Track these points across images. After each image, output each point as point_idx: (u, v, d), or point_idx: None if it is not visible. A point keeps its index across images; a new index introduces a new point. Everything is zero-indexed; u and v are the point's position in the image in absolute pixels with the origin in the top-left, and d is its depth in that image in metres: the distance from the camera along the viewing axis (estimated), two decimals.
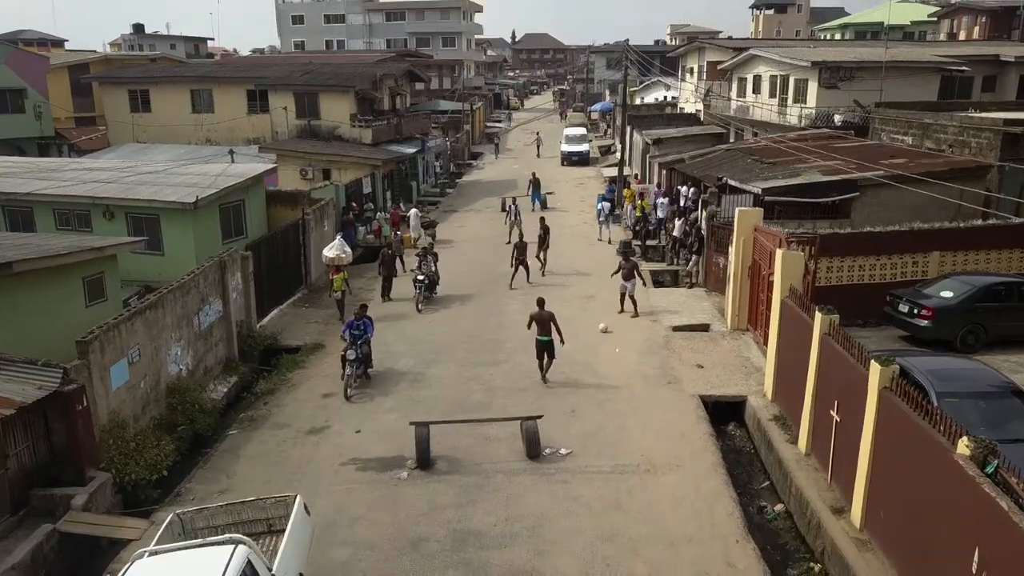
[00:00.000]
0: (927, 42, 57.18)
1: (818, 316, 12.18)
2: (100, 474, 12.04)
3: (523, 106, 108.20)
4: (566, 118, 74.62)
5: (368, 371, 16.92)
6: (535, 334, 16.46)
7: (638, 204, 29.78)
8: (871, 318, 17.61)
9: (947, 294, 16.60)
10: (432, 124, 48.46)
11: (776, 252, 15.36)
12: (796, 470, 12.26)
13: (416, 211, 31.71)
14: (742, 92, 40.77)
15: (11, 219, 21.79)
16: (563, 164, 50.78)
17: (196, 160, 27.44)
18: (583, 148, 51.84)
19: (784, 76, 35.75)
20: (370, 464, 13.33)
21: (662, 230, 28.60)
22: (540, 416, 13.66)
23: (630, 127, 42.63)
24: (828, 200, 21.13)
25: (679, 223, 25.54)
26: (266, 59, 64.91)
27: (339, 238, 22.87)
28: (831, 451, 11.64)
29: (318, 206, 25.31)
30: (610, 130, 66.96)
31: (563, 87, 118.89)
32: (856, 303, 16.79)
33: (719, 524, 11.22)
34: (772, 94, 37.03)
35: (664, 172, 33.45)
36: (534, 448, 13.24)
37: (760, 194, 20.97)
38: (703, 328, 19.38)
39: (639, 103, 60.61)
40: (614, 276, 20.95)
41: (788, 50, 38.42)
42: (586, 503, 11.87)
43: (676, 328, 19.36)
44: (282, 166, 32.68)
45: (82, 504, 11.38)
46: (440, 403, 15.61)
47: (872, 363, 10.20)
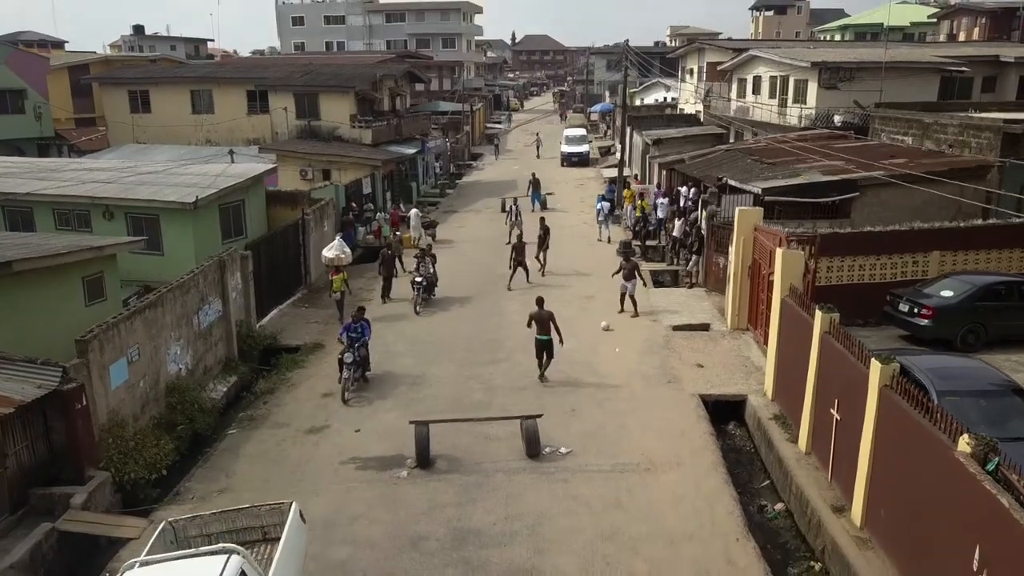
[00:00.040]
0: (927, 43, 57.19)
1: (818, 314, 12.17)
2: (99, 473, 12.01)
3: (523, 107, 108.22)
4: (566, 119, 74.75)
5: (366, 374, 16.63)
6: (535, 333, 16.46)
7: (638, 204, 29.84)
8: (871, 318, 17.60)
9: (947, 293, 16.60)
10: (432, 125, 48.45)
11: (776, 251, 15.35)
12: (796, 469, 12.25)
13: (417, 211, 31.68)
14: (742, 93, 40.77)
15: (11, 219, 21.76)
16: (563, 165, 50.78)
17: (196, 160, 27.41)
18: (583, 149, 51.85)
19: (784, 77, 35.77)
20: (370, 463, 13.32)
21: (662, 230, 28.60)
22: (540, 415, 13.64)
23: (630, 128, 42.60)
24: (828, 200, 21.10)
25: (679, 223, 25.53)
26: (266, 60, 64.92)
27: (338, 238, 22.84)
28: (831, 450, 11.63)
29: (318, 206, 25.32)
30: (610, 131, 66.96)
31: (563, 88, 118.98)
32: (856, 303, 16.77)
33: (719, 522, 11.21)
34: (772, 95, 37.03)
35: (664, 172, 33.44)
36: (534, 447, 13.23)
37: (760, 194, 20.95)
38: (703, 328, 19.37)
39: (639, 104, 60.61)
40: (615, 276, 20.95)
41: (788, 51, 38.43)
42: (586, 502, 11.86)
43: (676, 328, 19.35)
44: (282, 167, 32.65)
45: (81, 503, 11.36)
46: (440, 402, 15.59)
47: (872, 361, 10.19)
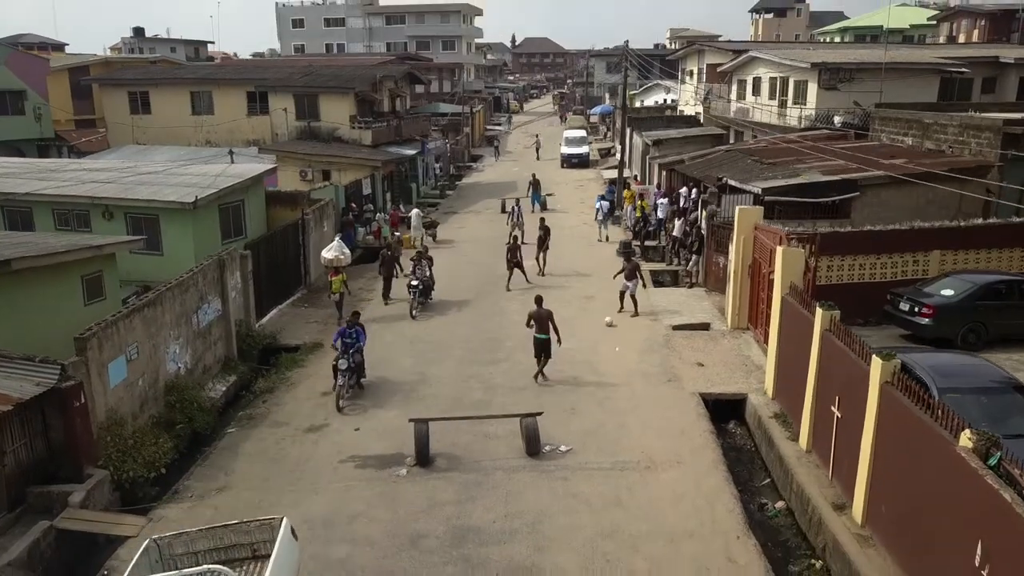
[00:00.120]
0: (926, 44, 57.21)
1: (819, 312, 12.14)
2: (98, 471, 11.99)
3: (523, 109, 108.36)
4: (566, 121, 74.81)
5: (361, 381, 16.12)
6: (533, 333, 16.42)
7: (638, 205, 29.85)
8: (872, 317, 17.57)
9: (948, 292, 16.57)
10: (432, 127, 48.50)
11: (776, 249, 15.33)
12: (797, 467, 12.21)
13: (418, 211, 31.69)
14: (742, 94, 40.75)
15: (10, 219, 21.73)
16: (563, 166, 50.80)
17: (196, 161, 27.39)
18: (583, 150, 51.88)
19: (784, 78, 35.76)
20: (369, 461, 13.28)
21: (662, 231, 28.60)
22: (540, 413, 13.62)
23: (630, 129, 42.59)
24: (828, 200, 21.08)
25: (679, 223, 25.54)
26: (266, 62, 65.07)
27: (338, 239, 22.78)
28: (832, 447, 11.60)
29: (317, 207, 25.32)
30: (610, 133, 67.00)
31: (563, 91, 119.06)
32: (857, 302, 16.70)
33: (720, 520, 11.18)
34: (772, 96, 37.01)
35: (664, 173, 33.44)
36: (534, 445, 13.20)
37: (760, 194, 20.91)
38: (703, 327, 19.35)
39: (639, 106, 60.65)
40: (617, 277, 20.94)
41: (788, 52, 38.44)
42: (586, 500, 11.82)
43: (676, 327, 19.33)
44: (282, 167, 32.65)
45: (79, 501, 11.33)
46: (440, 401, 15.56)
47: (873, 358, 10.16)
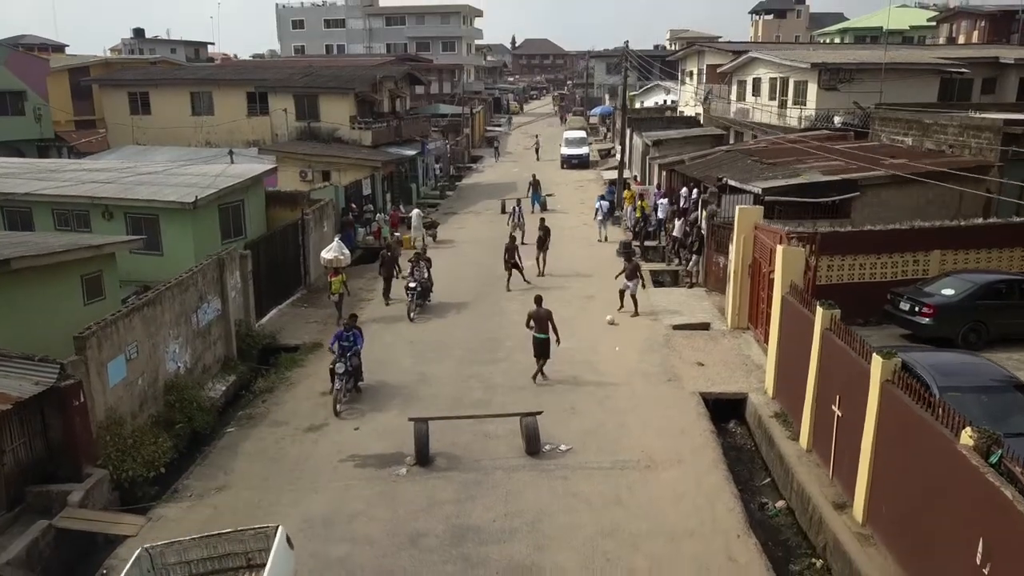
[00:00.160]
0: (926, 45, 57.21)
1: (819, 311, 12.12)
2: (97, 471, 11.96)
3: (523, 111, 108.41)
4: (565, 122, 74.84)
5: (359, 384, 15.84)
6: (533, 332, 16.39)
7: (638, 205, 29.84)
8: (872, 316, 17.54)
9: (948, 292, 16.55)
10: (432, 127, 48.48)
11: (777, 248, 15.31)
12: (797, 466, 12.19)
13: (419, 211, 31.68)
14: (742, 95, 40.76)
15: (10, 220, 21.71)
16: (563, 167, 50.79)
17: (195, 162, 27.39)
18: (583, 151, 51.88)
19: (784, 78, 35.77)
20: (369, 461, 13.26)
21: (662, 231, 28.59)
22: (540, 412, 13.60)
23: (630, 129, 42.60)
24: (828, 200, 21.06)
25: (679, 223, 25.52)
26: (266, 62, 65.10)
27: (337, 240, 22.73)
28: (832, 446, 11.58)
29: (317, 207, 25.30)
30: (609, 134, 67.00)
31: (563, 92, 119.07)
32: (857, 301, 16.64)
33: (720, 519, 11.15)
34: (772, 96, 37.01)
35: (664, 173, 33.43)
36: (534, 444, 13.17)
37: (760, 194, 20.90)
38: (703, 327, 19.33)
39: (639, 106, 60.66)
40: (618, 277, 20.93)
41: (788, 52, 38.46)
42: (586, 499, 11.80)
43: (676, 327, 19.31)
44: (282, 168, 32.65)
45: (78, 500, 11.30)
46: (439, 401, 15.52)
47: (874, 357, 10.14)
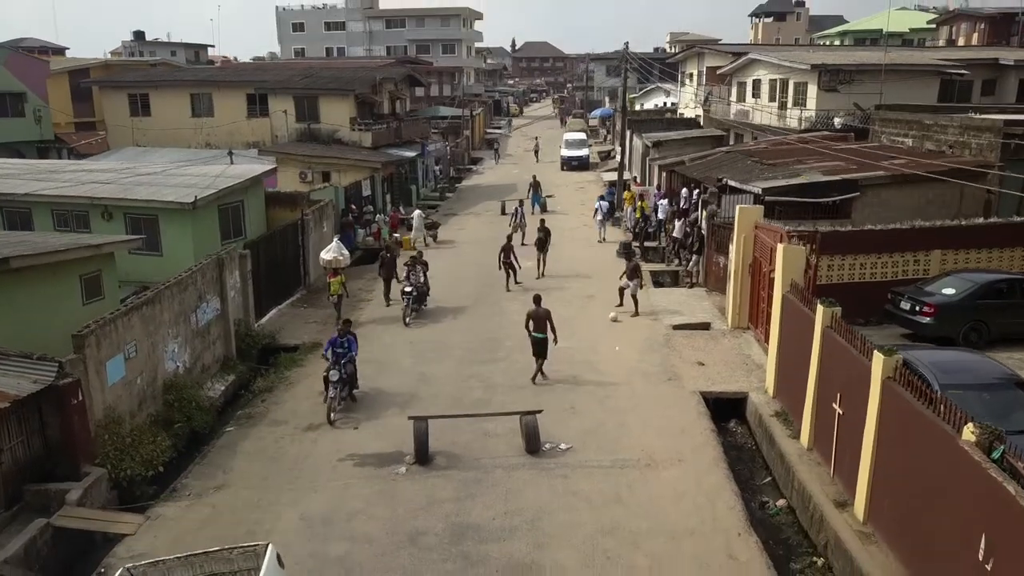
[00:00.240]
0: (926, 47, 57.24)
1: (820, 309, 12.09)
2: (95, 469, 11.92)
3: (523, 113, 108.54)
4: (565, 124, 74.90)
5: (353, 392, 15.36)
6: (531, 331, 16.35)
7: (638, 206, 29.83)
8: (873, 316, 17.50)
9: (949, 291, 16.52)
10: (432, 129, 48.48)
11: (777, 247, 15.28)
12: (798, 465, 12.15)
13: (420, 212, 31.70)
14: (742, 96, 40.75)
15: (9, 220, 21.69)
16: (563, 169, 50.81)
17: (195, 162, 27.36)
18: (583, 153, 51.91)
19: (784, 80, 35.75)
20: (368, 460, 13.22)
21: (662, 231, 28.57)
22: (540, 411, 13.57)
23: (630, 131, 42.61)
24: (828, 200, 21.04)
25: (679, 224, 25.50)
26: (266, 64, 64.93)
27: (336, 240, 22.71)
28: (833, 445, 11.53)
29: (317, 207, 25.29)
30: (609, 136, 67.02)
31: (562, 94, 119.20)
32: (857, 301, 16.59)
33: (720, 518, 11.11)
34: (772, 98, 36.99)
35: (664, 174, 33.42)
36: (533, 443, 13.14)
37: (760, 194, 20.89)
38: (704, 326, 19.30)
39: (639, 108, 60.71)
40: (622, 279, 20.90)
41: (788, 53, 38.46)
42: (586, 497, 11.76)
43: (677, 327, 19.28)
44: (282, 169, 32.65)
45: (76, 499, 11.26)
46: (439, 400, 15.48)
47: (875, 354, 10.10)
